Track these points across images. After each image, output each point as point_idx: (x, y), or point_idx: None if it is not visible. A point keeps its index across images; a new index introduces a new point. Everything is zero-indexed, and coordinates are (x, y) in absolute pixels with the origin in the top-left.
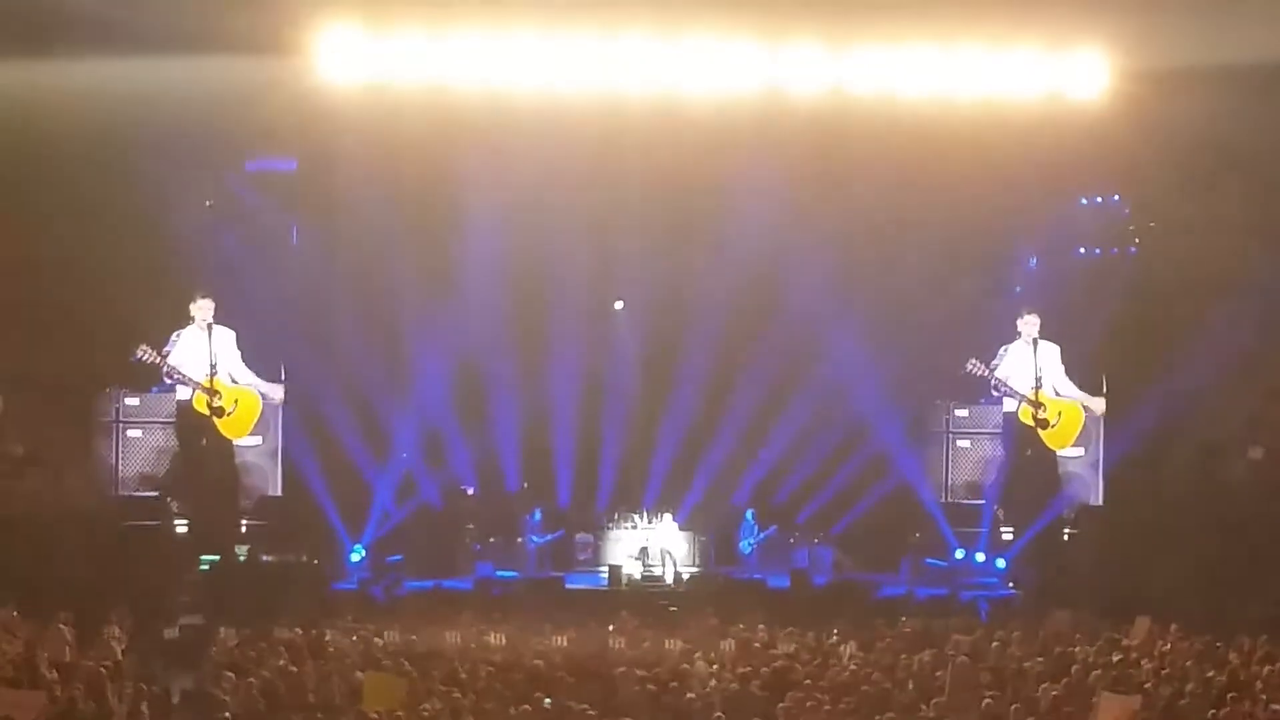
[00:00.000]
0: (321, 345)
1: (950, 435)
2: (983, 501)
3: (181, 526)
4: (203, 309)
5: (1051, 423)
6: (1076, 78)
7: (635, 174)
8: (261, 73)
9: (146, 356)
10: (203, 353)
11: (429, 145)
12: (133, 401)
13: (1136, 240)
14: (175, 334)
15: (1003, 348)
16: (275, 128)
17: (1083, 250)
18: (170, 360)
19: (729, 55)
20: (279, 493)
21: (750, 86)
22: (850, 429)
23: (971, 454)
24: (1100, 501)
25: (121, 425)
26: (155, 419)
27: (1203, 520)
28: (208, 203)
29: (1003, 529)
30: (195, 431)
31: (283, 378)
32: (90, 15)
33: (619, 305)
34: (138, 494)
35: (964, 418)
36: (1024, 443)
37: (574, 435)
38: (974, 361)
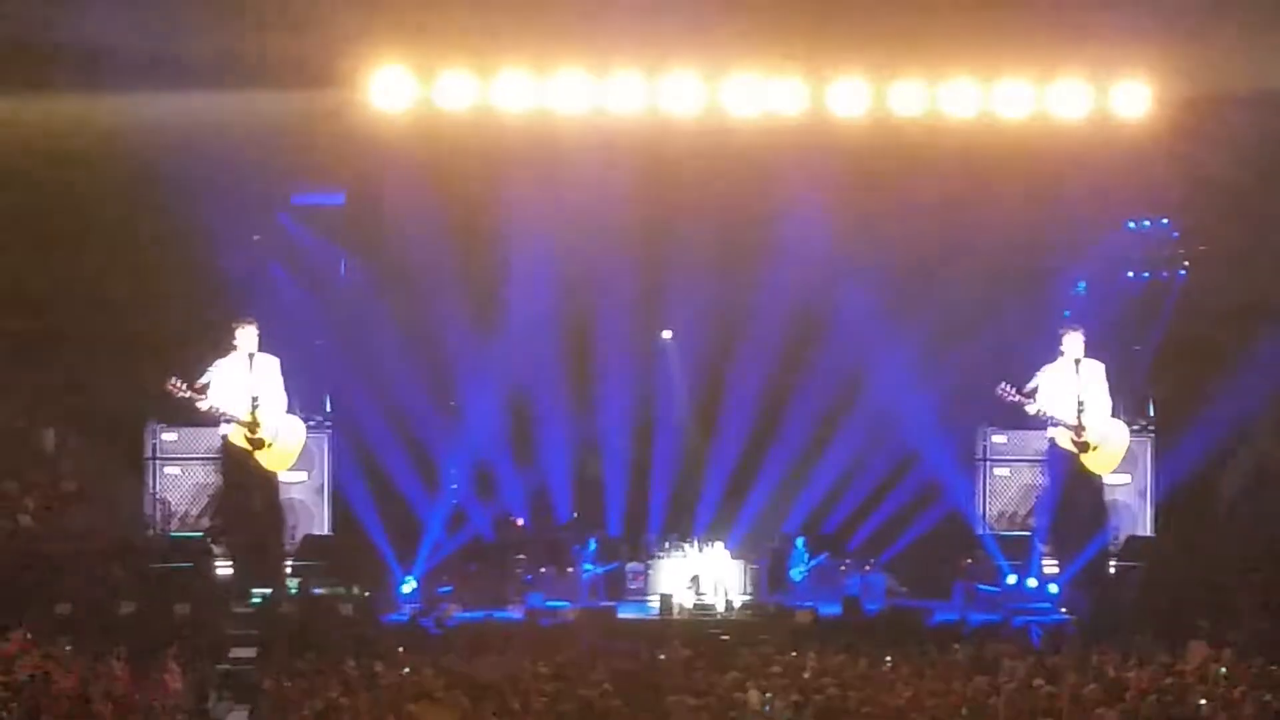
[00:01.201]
0: (369, 377)
1: (989, 463)
2: (1026, 532)
3: (224, 568)
4: (246, 335)
5: (1094, 446)
6: (1122, 102)
7: (682, 204)
8: (309, 105)
9: (177, 390)
10: (243, 383)
11: (476, 178)
12: (170, 437)
13: (1185, 264)
14: (215, 364)
15: (1041, 370)
16: (322, 160)
17: (1131, 274)
18: (209, 392)
19: (774, 86)
20: (327, 530)
21: (796, 115)
22: (900, 455)
23: (1011, 482)
24: (1149, 531)
25: (159, 462)
26: (193, 455)
27: (1254, 545)
28: (255, 237)
29: (1045, 561)
30: (236, 467)
31: (328, 410)
32: (137, 48)
33: (667, 335)
34: (179, 534)
35: (1002, 444)
36: (1066, 470)
37: (624, 465)
38: (1004, 385)
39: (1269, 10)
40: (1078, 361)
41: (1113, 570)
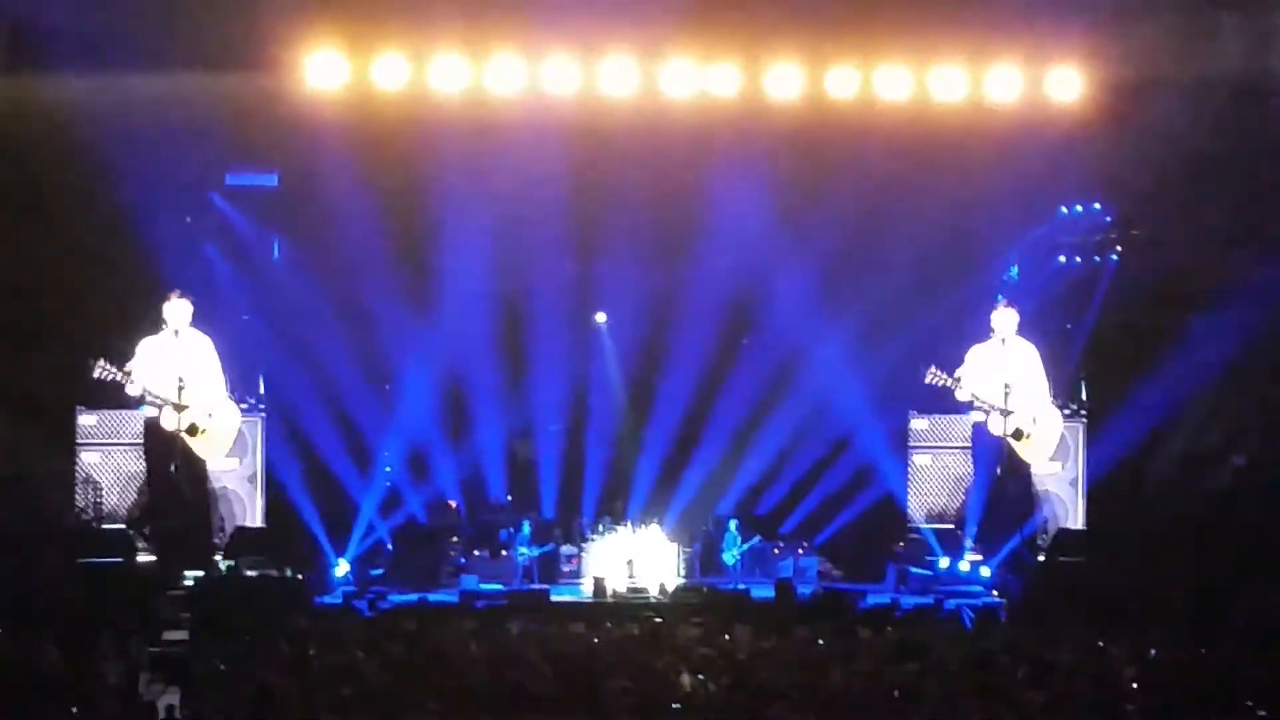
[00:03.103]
0: (302, 360)
1: (909, 450)
2: (949, 526)
3: (148, 559)
4: (174, 310)
5: (1026, 433)
6: (1055, 87)
7: (617, 187)
8: (243, 86)
9: (105, 374)
10: (172, 362)
11: (411, 160)
12: (89, 420)
13: (1118, 249)
14: (141, 342)
15: (971, 350)
16: (256, 141)
17: (1063, 259)
18: (136, 373)
19: (710, 70)
20: (259, 521)
21: (730, 99)
22: (834, 439)
23: (933, 472)
24: (1081, 523)
25: (78, 448)
26: (115, 440)
27: (1186, 529)
28: (187, 218)
29: (970, 556)
30: (161, 454)
31: (261, 393)
32: (69, 28)
33: (601, 317)
34: (100, 525)
35: (923, 430)
36: (992, 458)
37: (558, 448)
38: (934, 370)
39: None
40: (1003, 341)
41: (1041, 560)
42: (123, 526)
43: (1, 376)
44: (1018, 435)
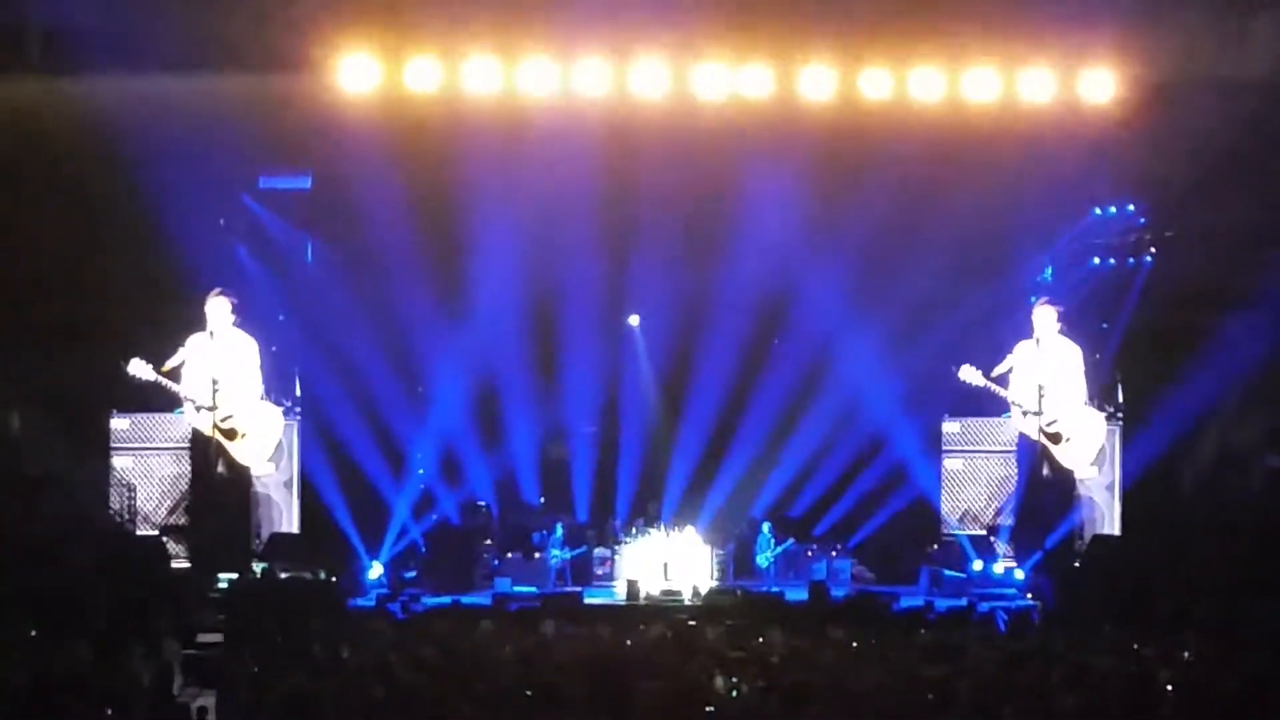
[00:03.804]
0: (335, 362)
1: (941, 455)
2: (982, 532)
3: (182, 564)
4: (218, 309)
5: (1065, 437)
6: (1088, 88)
7: (649, 189)
8: (276, 88)
9: (139, 372)
10: (209, 363)
11: (443, 162)
12: (121, 424)
13: (1152, 249)
14: (186, 342)
15: (1015, 349)
16: (289, 144)
17: (1097, 260)
18: (180, 374)
19: (742, 72)
20: (294, 526)
21: (763, 101)
22: (866, 441)
23: (966, 476)
24: (1117, 528)
25: (113, 451)
26: (148, 444)
27: (1220, 530)
28: (221, 220)
29: (1006, 561)
30: (205, 458)
31: (297, 396)
32: (105, 31)
33: (634, 320)
34: (134, 529)
35: (955, 434)
36: (1033, 463)
37: (590, 450)
38: (968, 367)
39: None
40: (1039, 341)
41: (1077, 564)
42: (156, 533)
43: (34, 378)
44: (1055, 439)
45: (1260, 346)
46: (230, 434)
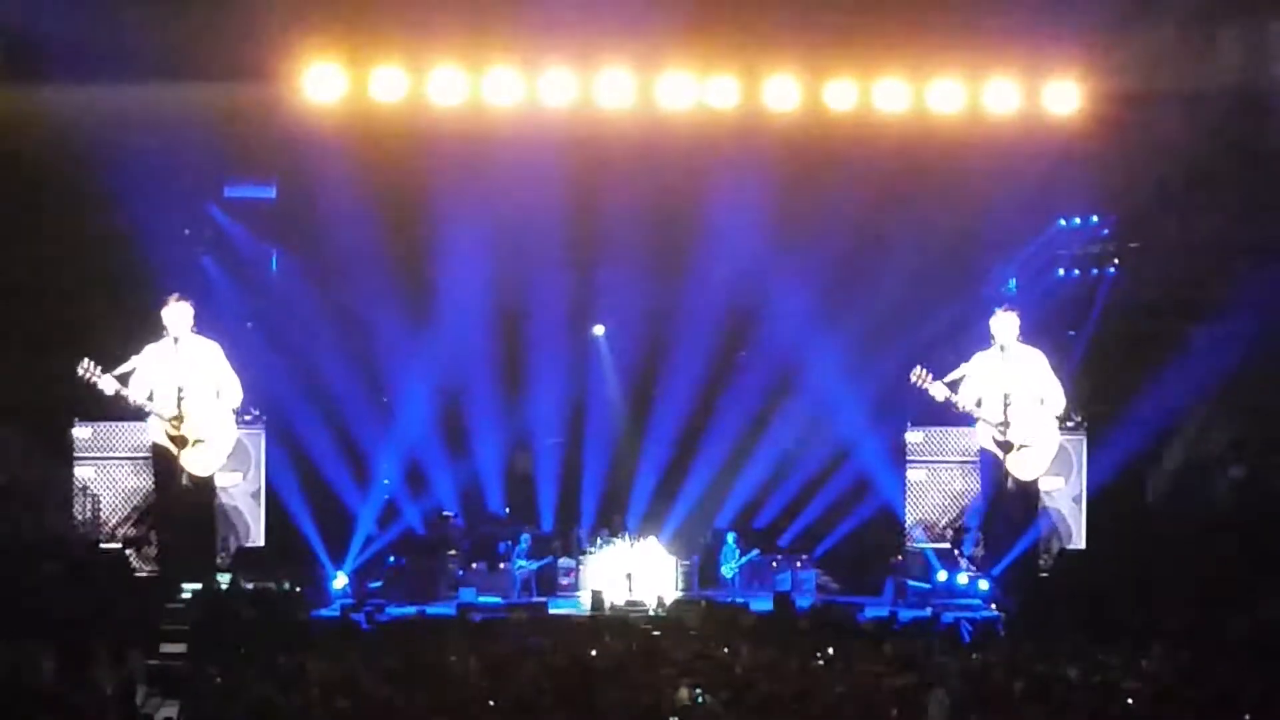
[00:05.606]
0: (301, 373)
1: (906, 464)
2: (946, 545)
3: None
4: (176, 315)
5: (1018, 445)
6: (1053, 100)
7: (614, 199)
8: (240, 98)
9: (87, 374)
10: (170, 370)
11: (409, 171)
12: (83, 433)
13: (1116, 261)
14: (143, 350)
15: (972, 358)
16: (255, 153)
17: (1062, 271)
18: (131, 381)
19: (707, 83)
20: (260, 539)
21: (728, 111)
22: (832, 451)
23: (929, 487)
24: (1083, 541)
25: (76, 461)
26: (111, 454)
27: (1186, 539)
28: (185, 230)
29: (970, 572)
30: (169, 469)
31: (261, 406)
32: (69, 39)
33: (599, 330)
34: (97, 539)
35: (919, 443)
36: (997, 474)
37: (556, 460)
38: (919, 370)
39: (1197, 8)
40: (1003, 348)
41: (1044, 575)
42: (120, 546)
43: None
44: (1008, 448)
45: (1225, 357)
46: (180, 442)
